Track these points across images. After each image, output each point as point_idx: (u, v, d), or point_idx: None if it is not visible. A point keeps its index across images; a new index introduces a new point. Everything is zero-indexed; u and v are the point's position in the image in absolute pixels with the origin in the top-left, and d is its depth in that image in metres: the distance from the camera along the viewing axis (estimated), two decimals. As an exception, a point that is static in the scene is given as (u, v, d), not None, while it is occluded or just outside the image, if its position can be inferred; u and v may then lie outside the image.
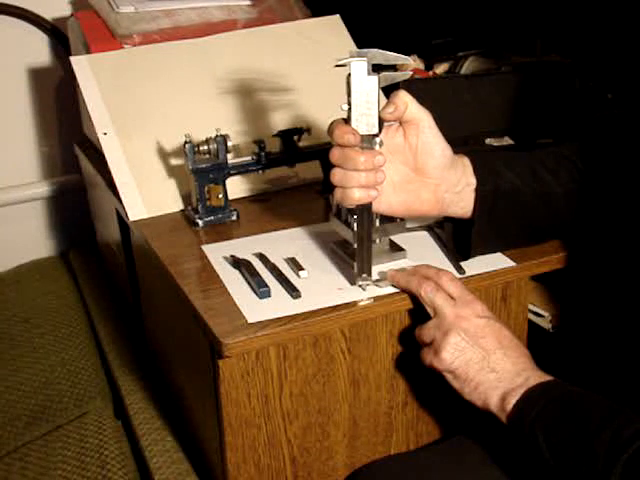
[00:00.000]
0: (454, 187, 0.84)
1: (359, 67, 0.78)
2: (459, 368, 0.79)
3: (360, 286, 0.85)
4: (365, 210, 0.82)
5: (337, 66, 0.78)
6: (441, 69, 1.43)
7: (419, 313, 0.85)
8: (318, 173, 1.11)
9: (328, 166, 1.10)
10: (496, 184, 0.85)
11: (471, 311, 0.80)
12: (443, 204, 0.85)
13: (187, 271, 0.91)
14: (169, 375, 1.14)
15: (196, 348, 0.90)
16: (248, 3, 1.37)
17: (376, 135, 0.80)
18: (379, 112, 0.80)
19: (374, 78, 0.78)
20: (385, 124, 0.83)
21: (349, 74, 0.78)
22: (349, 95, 0.79)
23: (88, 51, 1.25)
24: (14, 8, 1.48)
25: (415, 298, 0.84)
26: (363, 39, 1.30)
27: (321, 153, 1.09)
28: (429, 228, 0.98)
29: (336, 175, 0.80)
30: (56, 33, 1.52)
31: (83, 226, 1.60)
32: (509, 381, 0.76)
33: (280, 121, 1.14)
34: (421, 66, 1.40)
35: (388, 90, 0.87)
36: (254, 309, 0.82)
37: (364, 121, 0.79)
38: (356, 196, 0.80)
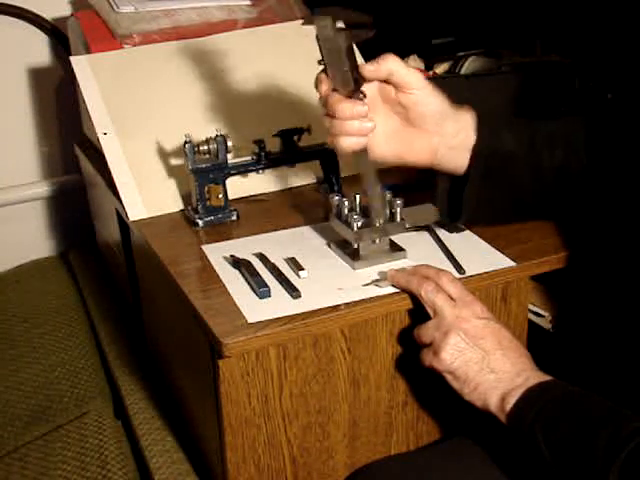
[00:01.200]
0: (452, 139, 0.85)
1: (324, 25, 0.77)
2: (459, 369, 0.79)
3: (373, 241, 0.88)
4: (362, 157, 0.84)
5: (303, 24, 0.79)
6: (441, 69, 1.43)
7: (419, 313, 0.85)
8: (318, 173, 1.11)
9: (328, 166, 1.10)
10: (494, 148, 0.86)
11: (471, 312, 0.80)
12: (436, 156, 0.85)
13: (187, 271, 0.91)
14: (169, 375, 1.14)
15: (196, 348, 0.90)
16: (248, 3, 1.37)
17: (355, 90, 0.80)
18: (358, 69, 0.81)
19: (341, 35, 0.77)
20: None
21: (316, 34, 0.78)
22: (321, 54, 0.80)
23: (88, 51, 1.26)
24: (14, 8, 1.48)
25: (415, 298, 0.84)
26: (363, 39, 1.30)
27: (321, 153, 1.09)
28: (429, 228, 0.98)
29: (325, 122, 0.83)
30: (56, 33, 1.52)
31: (83, 226, 1.60)
32: (508, 381, 0.76)
33: (280, 121, 1.14)
34: (421, 66, 1.40)
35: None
36: (254, 309, 0.82)
37: (339, 78, 0.80)
38: (345, 144, 0.82)
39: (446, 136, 0.84)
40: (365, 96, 0.82)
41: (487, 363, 0.78)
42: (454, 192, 0.89)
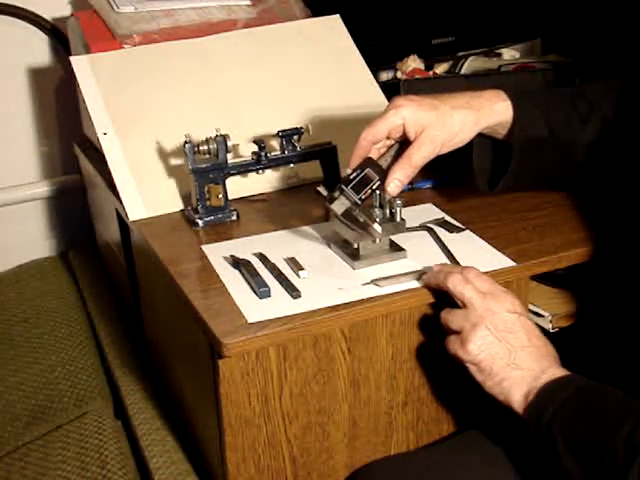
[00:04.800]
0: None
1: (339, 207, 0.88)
2: (484, 361, 0.78)
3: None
4: None
5: (329, 204, 0.89)
6: (441, 69, 1.43)
7: (420, 313, 0.85)
8: (318, 173, 1.10)
9: (328, 166, 1.10)
10: (529, 136, 0.91)
11: (501, 305, 0.80)
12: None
13: (187, 271, 0.91)
14: (169, 375, 1.14)
15: (196, 348, 0.90)
16: (248, 3, 1.37)
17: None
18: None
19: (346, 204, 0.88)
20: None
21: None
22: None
23: (88, 51, 1.25)
24: (14, 8, 1.48)
25: (416, 298, 0.84)
26: (363, 39, 1.30)
27: (321, 153, 1.09)
28: (429, 228, 0.98)
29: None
30: (56, 33, 1.51)
31: (83, 226, 1.60)
32: (533, 379, 0.76)
33: (280, 121, 1.14)
34: (421, 66, 1.40)
35: (391, 96, 0.90)
36: (254, 309, 0.82)
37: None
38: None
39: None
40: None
41: (513, 359, 0.78)
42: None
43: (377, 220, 0.88)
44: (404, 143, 0.89)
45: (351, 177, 0.88)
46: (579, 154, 0.94)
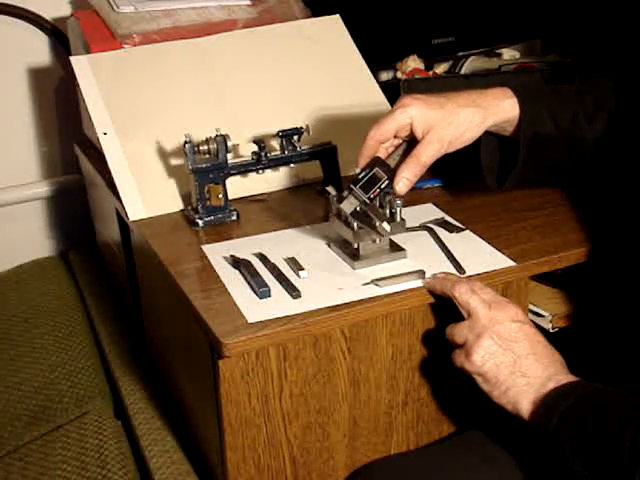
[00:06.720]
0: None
1: (349, 206, 0.87)
2: (489, 371, 0.78)
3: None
4: None
5: (338, 203, 0.88)
6: (441, 69, 1.43)
7: (420, 313, 0.85)
8: (318, 173, 1.11)
9: (328, 166, 1.10)
10: (536, 133, 0.90)
11: (506, 315, 0.80)
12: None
13: (187, 271, 0.91)
14: (169, 375, 1.14)
15: (196, 348, 0.90)
16: (248, 3, 1.37)
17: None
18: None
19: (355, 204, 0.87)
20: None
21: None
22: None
23: (88, 51, 1.25)
24: (14, 8, 1.48)
25: (416, 298, 0.84)
26: (363, 39, 1.30)
27: (321, 153, 1.09)
28: (429, 228, 0.98)
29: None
30: (56, 33, 1.51)
31: (83, 226, 1.60)
32: (540, 386, 0.76)
33: (280, 121, 1.14)
34: (421, 66, 1.40)
35: (391, 96, 0.89)
36: (254, 309, 0.82)
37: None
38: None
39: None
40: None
41: (519, 367, 0.78)
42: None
43: (386, 219, 0.87)
44: (411, 142, 0.89)
45: (360, 177, 0.88)
46: (586, 150, 0.93)
